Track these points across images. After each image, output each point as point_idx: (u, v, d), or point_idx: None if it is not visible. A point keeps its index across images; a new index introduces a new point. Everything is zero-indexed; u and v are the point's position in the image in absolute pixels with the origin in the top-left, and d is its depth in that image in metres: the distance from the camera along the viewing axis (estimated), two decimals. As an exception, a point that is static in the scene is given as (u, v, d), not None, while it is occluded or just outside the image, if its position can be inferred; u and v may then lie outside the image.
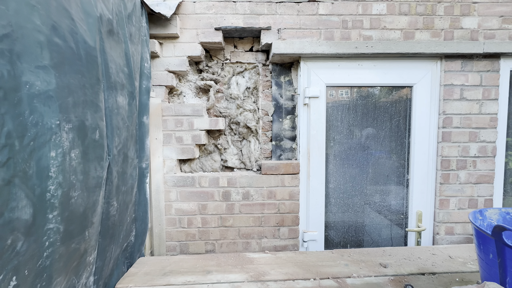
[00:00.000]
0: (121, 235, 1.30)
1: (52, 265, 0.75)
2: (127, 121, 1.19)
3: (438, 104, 1.77)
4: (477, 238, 0.92)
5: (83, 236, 0.89)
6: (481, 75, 1.74)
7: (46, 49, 0.66)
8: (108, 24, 1.05)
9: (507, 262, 0.76)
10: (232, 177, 1.73)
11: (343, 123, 1.80)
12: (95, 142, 0.88)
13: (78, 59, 0.79)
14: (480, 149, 1.76)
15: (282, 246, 1.77)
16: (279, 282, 1.28)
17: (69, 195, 0.75)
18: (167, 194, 1.72)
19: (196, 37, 1.69)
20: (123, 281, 1.31)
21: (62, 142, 0.70)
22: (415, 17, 1.70)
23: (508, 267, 0.76)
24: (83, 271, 0.98)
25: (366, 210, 1.86)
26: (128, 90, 1.23)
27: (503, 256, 0.77)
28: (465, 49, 1.67)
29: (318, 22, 1.69)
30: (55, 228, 0.72)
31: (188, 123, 1.72)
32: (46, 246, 0.71)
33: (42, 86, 0.63)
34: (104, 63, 0.99)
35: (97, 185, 0.92)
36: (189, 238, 1.75)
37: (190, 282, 1.30)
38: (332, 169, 1.82)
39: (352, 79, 1.74)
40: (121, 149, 1.12)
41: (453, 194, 1.78)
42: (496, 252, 0.79)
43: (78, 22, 0.80)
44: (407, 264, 1.42)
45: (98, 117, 0.89)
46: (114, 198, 1.10)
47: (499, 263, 0.78)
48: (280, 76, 1.83)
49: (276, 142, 1.85)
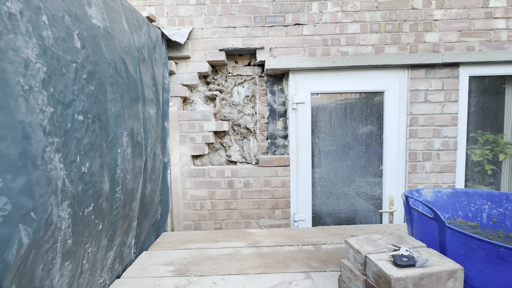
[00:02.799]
0: (151, 212, 1.74)
1: (117, 222, 1.18)
2: (155, 126, 1.62)
3: (406, 106, 2.11)
4: (404, 207, 1.30)
5: (131, 207, 1.32)
6: (442, 81, 2.07)
7: (114, 85, 1.07)
8: (141, 55, 1.47)
9: (413, 219, 1.13)
10: (235, 169, 2.14)
11: (326, 123, 2.17)
12: (138, 143, 1.30)
13: (129, 87, 1.21)
14: (443, 144, 2.10)
15: (276, 225, 2.17)
16: (270, 247, 1.69)
17: (126, 177, 1.18)
18: (183, 183, 2.15)
19: (204, 57, 2.10)
20: (153, 247, 1.75)
21: (123, 143, 1.12)
22: (384, 34, 2.05)
23: (413, 223, 1.13)
24: (130, 232, 1.42)
25: (347, 196, 2.23)
26: (155, 103, 1.65)
27: (410, 215, 1.14)
28: (427, 60, 2.00)
29: (303, 41, 2.06)
30: (119, 197, 1.15)
31: (199, 126, 2.14)
32: (114, 208, 1.13)
33: (114, 109, 1.05)
34: (141, 86, 1.41)
35: (139, 172, 1.34)
36: (201, 218, 2.17)
37: (203, 247, 1.72)
38: (317, 162, 2.20)
39: (333, 87, 2.11)
40: (152, 147, 1.55)
41: (420, 181, 2.13)
42: (408, 213, 1.16)
43: (128, 64, 1.22)
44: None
45: (139, 125, 1.32)
46: (148, 183, 1.53)
47: (409, 220, 1.16)
48: (273, 85, 2.22)
49: (271, 140, 2.24)
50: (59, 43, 0.77)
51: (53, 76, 0.74)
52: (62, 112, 0.77)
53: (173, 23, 2.06)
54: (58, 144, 0.75)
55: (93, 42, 0.95)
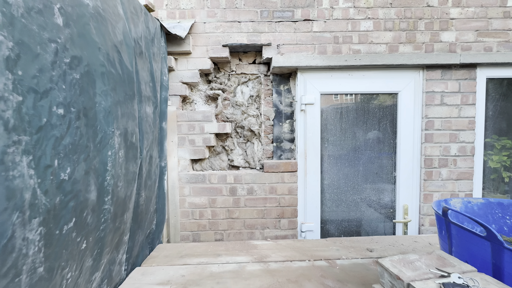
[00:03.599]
0: (146, 223, 1.55)
1: (105, 237, 0.99)
2: (152, 127, 1.45)
3: (421, 109, 1.99)
4: (436, 220, 1.15)
5: (123, 218, 1.14)
6: (459, 83, 1.95)
7: (105, 77, 0.90)
8: (139, 47, 1.30)
9: (452, 235, 0.98)
10: (238, 175, 1.97)
11: (336, 126, 2.03)
12: (132, 145, 1.13)
13: (123, 81, 1.04)
14: (460, 149, 1.97)
15: (282, 236, 2.00)
16: (279, 263, 1.51)
17: (117, 184, 1.00)
18: (181, 189, 1.97)
19: (206, 53, 1.94)
20: (147, 262, 1.55)
21: (114, 144, 0.95)
22: (398, 33, 1.93)
23: (452, 239, 0.98)
24: (121, 248, 1.23)
25: (358, 204, 2.08)
26: (153, 101, 1.48)
27: (449, 231, 0.99)
28: (444, 60, 1.89)
29: (313, 38, 1.93)
30: (108, 208, 0.97)
31: (199, 127, 1.97)
32: (102, 221, 0.95)
33: (104, 104, 0.88)
34: (137, 81, 1.24)
35: (133, 179, 1.17)
36: (200, 229, 1.99)
37: (203, 262, 1.54)
38: (326, 167, 2.05)
39: (343, 88, 1.97)
40: (148, 150, 1.37)
41: (436, 189, 1.99)
42: (445, 228, 1.01)
43: (122, 54, 1.06)
44: (390, 249, 1.63)
45: (134, 125, 1.14)
46: (143, 190, 1.35)
47: (447, 236, 1.00)
48: (280, 85, 2.07)
49: (276, 143, 2.08)
50: (33, 15, 0.60)
51: (23, 55, 0.57)
52: (34, 103, 0.60)
53: (173, 16, 1.91)
54: (27, 144, 0.58)
55: (80, 21, 0.79)
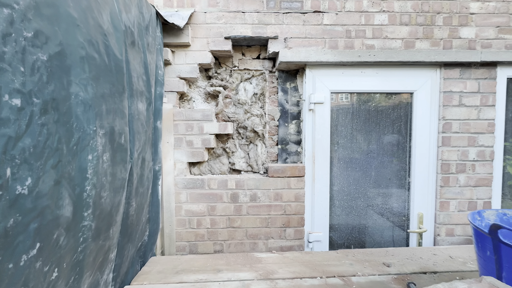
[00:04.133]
0: (137, 234, 1.37)
1: (84, 260, 0.81)
2: (145, 126, 1.27)
3: (438, 110, 1.84)
4: (476, 237, 0.99)
5: (108, 234, 0.96)
6: (478, 82, 1.82)
7: (86, 63, 0.73)
8: (131, 35, 1.12)
9: (502, 258, 0.82)
10: (240, 180, 1.80)
11: (347, 128, 1.87)
12: (121, 146, 0.95)
13: (110, 70, 0.87)
14: (478, 153, 1.83)
15: (288, 247, 1.83)
16: (287, 280, 1.34)
17: (100, 195, 0.82)
18: (178, 195, 1.79)
19: (206, 46, 1.77)
20: (138, 279, 1.37)
21: (97, 146, 0.77)
22: (415, 27, 1.79)
23: (503, 263, 0.82)
24: (105, 268, 1.04)
25: (369, 212, 1.92)
26: (146, 96, 1.30)
27: (499, 252, 0.83)
28: (463, 57, 1.75)
29: (323, 31, 1.77)
30: (88, 225, 0.79)
31: (198, 127, 1.79)
32: (81, 241, 0.77)
33: (84, 96, 0.71)
34: (128, 72, 1.07)
35: (121, 186, 0.99)
36: (198, 239, 1.81)
37: (202, 279, 1.36)
38: (336, 172, 1.89)
39: (356, 86, 1.82)
40: (140, 152, 1.19)
41: (453, 196, 1.85)
42: (493, 249, 0.86)
43: (109, 37, 0.88)
44: (409, 263, 1.48)
45: (123, 123, 0.97)
46: (133, 198, 1.17)
47: (495, 259, 0.85)
48: (286, 83, 1.91)
49: (282, 146, 1.92)
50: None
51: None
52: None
53: (171, 4, 1.73)
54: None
55: (51, -12, 0.61)
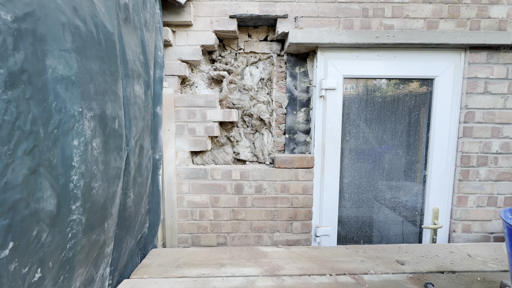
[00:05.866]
0: (136, 226, 1.29)
1: (75, 257, 0.73)
2: (143, 111, 1.16)
3: (460, 98, 1.70)
4: (509, 237, 0.89)
5: (103, 228, 0.88)
6: (507, 68, 1.66)
7: (68, 31, 0.62)
8: (124, 8, 1.00)
9: (547, 264, 0.72)
10: (244, 170, 1.70)
11: (360, 116, 1.75)
12: (115, 132, 0.85)
13: (98, 43, 0.76)
14: (502, 146, 1.70)
15: (294, 241, 1.76)
16: (295, 277, 1.27)
17: (91, 185, 0.73)
18: (179, 186, 1.70)
19: (210, 25, 1.63)
20: (138, 272, 1.31)
21: (84, 130, 0.68)
22: (440, 5, 1.62)
23: (548, 270, 0.72)
24: (101, 262, 0.97)
25: (380, 206, 1.82)
26: (144, 79, 1.19)
27: (543, 257, 0.73)
28: (492, 39, 1.59)
29: (337, 10, 1.62)
30: (78, 219, 0.70)
31: (201, 114, 1.69)
32: (70, 237, 0.69)
33: (64, 71, 0.60)
34: (122, 49, 0.95)
35: (116, 176, 0.90)
36: (200, 231, 1.74)
37: (205, 274, 1.29)
38: (347, 163, 1.78)
39: (371, 71, 1.68)
40: (138, 139, 1.09)
41: (472, 191, 1.73)
42: (535, 253, 0.75)
43: (97, 5, 0.76)
44: (424, 261, 1.38)
45: (117, 106, 0.86)
46: (131, 189, 1.08)
47: (538, 264, 0.74)
48: (295, 67, 1.77)
49: (289, 135, 1.81)
50: None
51: None
52: None
53: (171, -22, 1.59)
54: None
55: None
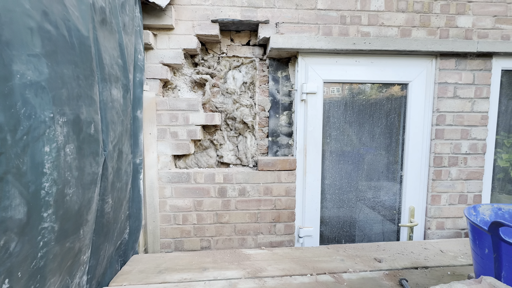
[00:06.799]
0: (115, 233, 1.27)
1: (47, 266, 0.71)
2: (122, 115, 1.15)
3: (432, 101, 1.80)
4: (472, 233, 0.95)
5: (78, 235, 0.86)
6: (474, 74, 1.78)
7: (37, 36, 0.61)
8: (101, 12, 0.99)
9: (503, 257, 0.78)
10: (228, 173, 1.71)
11: (340, 119, 1.80)
12: (91, 137, 0.84)
13: (71, 48, 0.74)
14: (471, 147, 1.81)
15: (278, 242, 1.78)
16: (277, 278, 1.28)
17: (64, 192, 0.72)
18: (162, 190, 1.69)
19: (192, 29, 1.64)
20: (117, 280, 1.28)
21: (56, 136, 0.66)
22: (412, 15, 1.71)
23: (503, 262, 0.78)
24: (76, 271, 0.95)
25: (361, 206, 1.88)
26: (123, 82, 1.18)
27: (499, 251, 0.79)
28: (460, 47, 1.69)
29: (317, 17, 1.67)
30: (50, 227, 0.69)
31: (183, 118, 1.68)
32: (41, 246, 0.67)
33: (34, 76, 0.59)
34: (98, 53, 0.94)
35: (92, 182, 0.88)
36: (184, 235, 1.72)
37: (187, 279, 1.28)
38: (328, 165, 1.83)
39: (350, 76, 1.74)
40: (116, 144, 1.08)
41: (444, 190, 1.83)
42: (492, 247, 0.81)
43: (70, 9, 0.75)
44: (400, 258, 1.45)
45: (93, 111, 0.85)
46: (109, 195, 1.06)
47: (494, 257, 0.80)
48: (277, 71, 1.81)
49: (272, 138, 1.84)
50: None
51: None
52: None
53: (152, -18, 1.58)
54: None
55: None
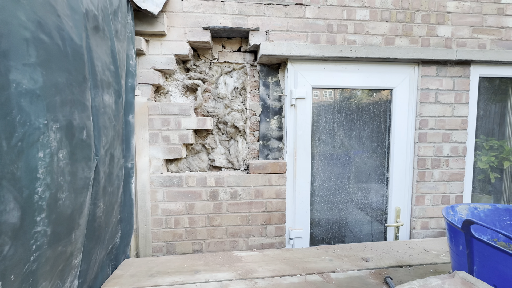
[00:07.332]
0: (106, 237, 1.28)
1: (39, 269, 0.72)
2: (114, 120, 1.17)
3: (415, 106, 1.88)
4: (449, 232, 1.01)
5: (70, 239, 0.87)
6: (453, 80, 1.87)
7: (32, 46, 0.63)
8: (94, 20, 1.02)
9: (474, 252, 0.84)
10: (219, 177, 1.74)
11: (328, 123, 1.86)
12: (83, 142, 0.86)
13: (65, 56, 0.77)
14: (452, 149, 1.90)
15: (269, 244, 1.81)
16: (267, 279, 1.32)
17: (56, 196, 0.73)
18: (153, 194, 1.70)
19: (183, 36, 1.67)
20: (108, 284, 1.28)
21: (50, 142, 0.68)
22: (395, 24, 1.80)
23: (475, 257, 0.84)
24: (68, 275, 0.95)
25: (349, 207, 1.94)
26: (115, 88, 1.20)
27: (471, 247, 0.85)
28: (440, 55, 1.79)
29: (305, 25, 1.73)
30: (43, 231, 0.70)
31: (175, 122, 1.70)
32: (34, 249, 0.69)
33: (29, 85, 0.61)
34: (90, 60, 0.96)
35: (84, 186, 0.90)
36: (176, 238, 1.74)
37: (178, 282, 1.30)
38: (317, 168, 1.88)
39: (337, 82, 1.81)
40: (108, 149, 1.10)
41: (428, 191, 1.90)
42: (465, 243, 0.87)
43: (64, 19, 0.78)
44: (386, 257, 1.50)
45: (85, 116, 0.87)
46: (100, 199, 1.08)
47: (467, 253, 0.86)
48: (267, 77, 1.86)
49: (263, 142, 1.88)
50: None
51: None
52: None
53: (144, -11, 1.61)
54: None
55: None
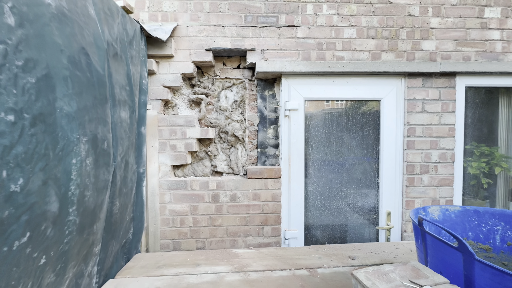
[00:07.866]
0: (121, 232, 1.49)
1: (69, 251, 0.93)
2: (128, 132, 1.39)
3: (403, 116, 2.01)
4: (414, 230, 1.14)
5: (92, 229, 1.08)
6: (439, 91, 1.99)
7: (69, 81, 0.86)
8: (113, 50, 1.25)
9: (427, 245, 0.97)
10: (220, 181, 1.93)
11: (320, 132, 2.02)
12: (104, 151, 1.07)
13: (92, 85, 1.00)
14: (440, 156, 2.00)
15: (265, 243, 1.97)
16: (259, 272, 1.48)
17: (84, 194, 0.95)
18: (162, 196, 1.91)
19: (189, 57, 1.90)
20: (122, 273, 1.48)
21: (80, 151, 0.90)
22: (381, 40, 1.95)
23: (428, 250, 0.97)
24: (90, 260, 1.16)
25: (342, 210, 2.07)
26: (129, 105, 1.43)
27: (424, 241, 0.98)
28: (424, 68, 1.92)
29: (297, 44, 1.93)
30: (73, 220, 0.91)
31: (181, 132, 1.92)
32: (66, 234, 0.90)
33: (68, 109, 0.83)
34: (111, 85, 1.19)
35: (104, 187, 1.11)
36: (181, 237, 1.93)
37: (181, 273, 1.49)
38: (310, 173, 2.03)
39: (327, 94, 1.97)
40: (124, 156, 1.32)
41: (417, 195, 2.01)
42: (421, 238, 1.01)
43: (92, 56, 1.01)
44: (372, 256, 1.62)
45: (106, 130, 1.09)
46: (117, 198, 1.29)
47: (423, 246, 1.00)
48: (264, 90, 2.05)
49: (261, 149, 2.06)
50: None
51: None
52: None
53: (155, 18, 1.86)
54: (-33, 155, 0.53)
55: (39, 22, 0.74)
